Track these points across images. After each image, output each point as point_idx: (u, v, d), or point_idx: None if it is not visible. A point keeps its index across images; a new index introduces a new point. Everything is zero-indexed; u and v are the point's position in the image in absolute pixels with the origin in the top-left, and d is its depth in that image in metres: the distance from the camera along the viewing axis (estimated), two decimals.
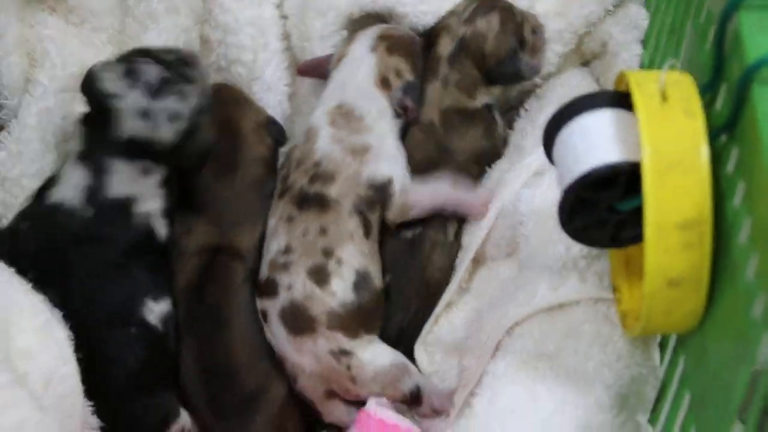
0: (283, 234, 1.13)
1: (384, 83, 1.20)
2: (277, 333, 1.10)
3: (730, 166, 0.84)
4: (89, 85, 1.11)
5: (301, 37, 1.27)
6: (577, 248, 1.03)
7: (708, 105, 0.86)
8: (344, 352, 1.08)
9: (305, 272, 1.10)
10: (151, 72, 1.12)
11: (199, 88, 1.14)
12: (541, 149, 1.12)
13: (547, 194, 1.10)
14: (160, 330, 1.08)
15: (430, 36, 1.24)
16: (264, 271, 1.13)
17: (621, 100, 0.89)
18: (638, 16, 1.27)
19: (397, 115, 1.20)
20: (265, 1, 1.28)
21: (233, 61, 1.26)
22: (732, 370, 0.80)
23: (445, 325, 1.15)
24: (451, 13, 1.23)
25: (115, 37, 1.25)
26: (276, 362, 1.11)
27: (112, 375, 1.05)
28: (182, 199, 1.15)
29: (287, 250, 1.12)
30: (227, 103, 1.21)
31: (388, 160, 1.16)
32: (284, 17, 1.30)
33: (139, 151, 1.10)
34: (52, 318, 1.02)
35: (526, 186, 1.13)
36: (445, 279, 1.16)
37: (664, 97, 0.85)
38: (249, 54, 1.26)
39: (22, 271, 1.05)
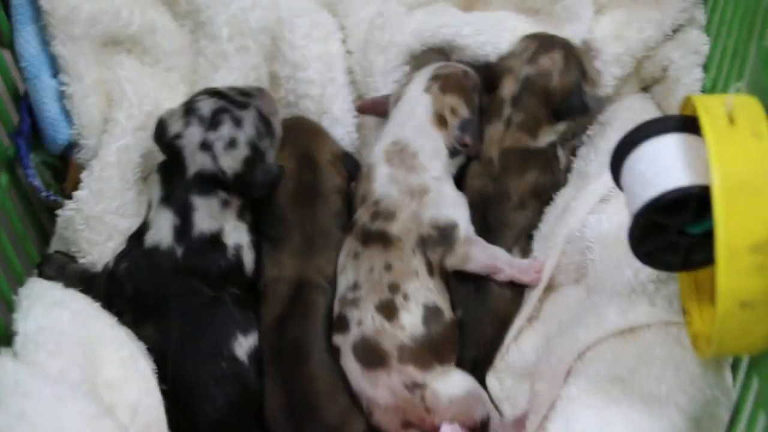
0: (350, 270, 1.12)
1: (440, 121, 1.19)
2: (351, 368, 1.09)
3: None
4: (159, 133, 1.12)
5: (365, 73, 1.26)
6: (645, 272, 1.01)
7: None
8: (417, 385, 1.06)
9: (374, 307, 1.08)
10: (205, 105, 1.12)
11: (255, 112, 1.13)
12: (605, 175, 1.11)
13: (614, 219, 1.09)
14: (246, 365, 1.07)
15: (492, 77, 1.22)
16: (336, 308, 1.12)
17: (687, 124, 0.87)
18: (698, 41, 1.25)
19: (452, 155, 1.19)
20: (331, 37, 1.27)
21: (302, 96, 1.25)
22: None
23: (515, 352, 1.12)
24: (512, 54, 1.21)
25: (187, 76, 1.24)
26: (353, 397, 1.09)
27: (201, 410, 1.05)
28: (266, 230, 1.14)
29: (355, 286, 1.10)
30: (304, 134, 1.20)
31: (451, 204, 1.14)
32: (349, 52, 1.29)
33: (210, 184, 1.10)
34: (136, 351, 1.03)
35: (593, 212, 1.11)
36: (514, 309, 1.14)
37: (731, 120, 0.83)
38: (317, 88, 1.25)
39: (119, 311, 1.06)
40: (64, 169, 1.23)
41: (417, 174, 1.14)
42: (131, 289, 1.09)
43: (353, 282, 1.10)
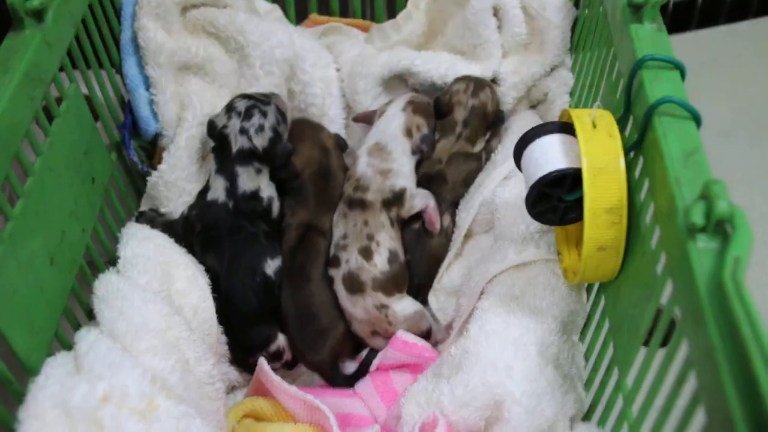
0: (341, 225, 1.07)
1: (408, 133, 1.14)
2: (339, 292, 1.04)
3: (637, 171, 0.80)
4: (210, 128, 1.09)
5: (351, 92, 1.22)
6: (533, 226, 0.98)
7: (621, 131, 0.81)
8: (383, 306, 1.02)
9: (357, 251, 1.04)
10: (241, 104, 1.08)
11: (274, 107, 1.10)
12: (508, 162, 1.08)
13: (513, 191, 1.06)
14: (273, 279, 1.03)
15: (445, 108, 1.17)
16: (331, 250, 1.07)
17: (565, 127, 0.84)
18: (567, 77, 1.21)
19: (413, 154, 1.14)
20: (329, 66, 1.22)
21: (309, 104, 1.20)
22: (640, 308, 0.76)
23: (446, 278, 1.08)
24: (457, 92, 1.16)
25: (233, 91, 1.19)
26: (339, 310, 1.05)
27: (240, 308, 1.01)
28: (291, 194, 1.10)
29: (344, 236, 1.06)
30: (315, 130, 1.16)
31: (404, 177, 1.09)
32: (341, 79, 1.24)
33: (248, 157, 1.06)
34: (197, 271, 0.99)
35: (499, 186, 1.08)
36: (444, 251, 1.10)
37: (594, 125, 0.80)
38: (319, 99, 1.20)
39: (190, 244, 1.04)
40: (154, 150, 1.19)
41: (387, 162, 1.09)
42: (199, 228, 1.05)
43: (343, 233, 1.06)
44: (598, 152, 0.78)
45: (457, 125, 1.15)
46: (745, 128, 1.34)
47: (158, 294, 0.89)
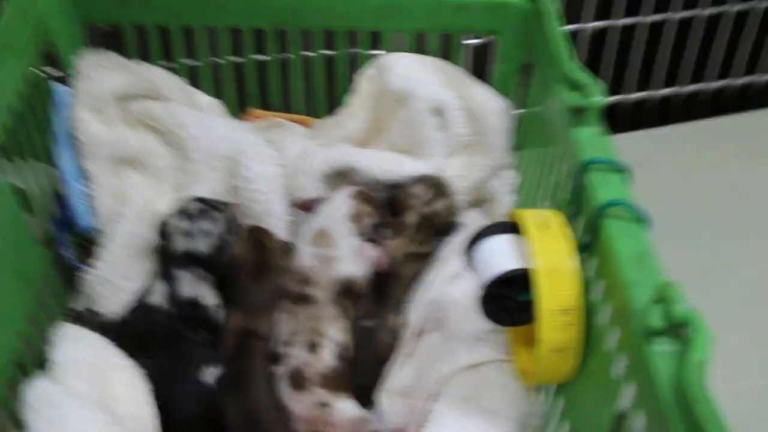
0: (287, 322, 1.05)
1: (356, 219, 1.13)
2: (284, 391, 1.01)
3: (590, 272, 0.82)
4: (161, 229, 1.08)
5: (292, 188, 1.21)
6: (485, 326, 0.97)
7: (573, 231, 0.84)
8: (325, 404, 0.99)
9: (304, 345, 1.02)
10: (194, 207, 1.08)
11: (225, 217, 1.09)
12: (455, 259, 1.09)
13: (462, 290, 1.05)
14: (213, 387, 0.99)
15: (396, 206, 1.17)
16: (275, 348, 1.04)
17: (514, 227, 0.86)
18: (511, 176, 1.25)
19: (360, 238, 1.13)
20: (272, 162, 1.21)
21: (253, 200, 1.18)
22: (598, 411, 0.77)
23: (397, 379, 1.05)
24: (412, 196, 1.16)
25: (174, 186, 1.18)
26: (282, 413, 1.01)
27: (178, 419, 0.97)
28: (229, 296, 1.07)
29: (292, 332, 1.04)
30: (257, 233, 1.13)
31: (347, 262, 1.09)
32: (284, 175, 1.23)
33: (190, 262, 1.04)
34: (137, 375, 0.96)
35: (449, 284, 1.07)
36: (391, 350, 1.07)
37: (546, 226, 0.83)
38: (263, 196, 1.18)
39: (124, 345, 1.00)
40: (90, 246, 1.15)
41: (330, 250, 1.09)
42: (134, 331, 1.03)
43: (290, 330, 1.04)
44: (550, 252, 0.80)
45: (407, 228, 1.15)
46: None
47: (94, 401, 0.85)
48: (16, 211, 1.01)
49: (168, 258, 1.06)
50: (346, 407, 1.02)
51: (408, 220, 1.16)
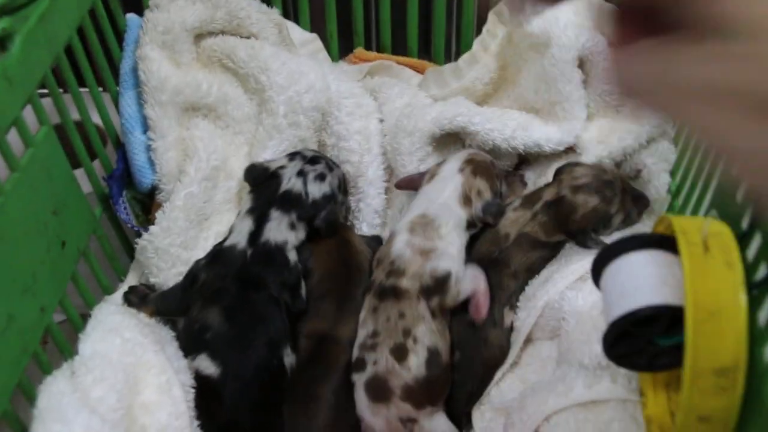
0: (370, 322, 0.92)
1: (466, 201, 0.97)
2: (360, 402, 0.89)
3: (762, 316, 0.62)
4: (251, 171, 0.98)
5: (394, 152, 1.06)
6: None
7: (742, 255, 0.64)
8: (411, 420, 0.87)
9: (388, 350, 0.89)
10: (309, 152, 1.00)
11: (338, 173, 1.01)
12: (586, 258, 0.90)
13: (588, 299, 0.88)
14: (288, 375, 0.89)
15: (556, 172, 0.99)
16: (355, 353, 0.92)
17: (664, 242, 0.67)
18: (668, 151, 1.02)
19: (469, 227, 0.97)
20: (371, 116, 1.08)
21: (343, 161, 1.06)
22: None
23: (496, 392, 0.92)
24: (571, 170, 0.97)
25: (249, 140, 1.05)
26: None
27: (243, 388, 0.86)
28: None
29: (374, 334, 0.90)
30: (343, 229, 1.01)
31: (450, 258, 0.93)
32: (384, 134, 1.09)
33: (291, 204, 0.95)
34: (173, 376, 0.83)
35: (570, 288, 0.90)
36: (502, 356, 0.94)
37: (706, 248, 0.63)
38: (356, 156, 1.05)
39: (188, 304, 0.91)
40: (151, 204, 1.05)
41: (432, 241, 0.93)
42: (204, 277, 0.93)
43: (372, 330, 0.91)
44: (709, 288, 0.60)
45: (539, 202, 0.96)
46: None
47: (112, 415, 0.73)
48: (62, 166, 0.89)
49: (267, 196, 0.95)
50: (435, 424, 0.89)
51: (546, 192, 0.97)
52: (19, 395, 0.78)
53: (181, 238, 0.97)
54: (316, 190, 0.96)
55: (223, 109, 1.03)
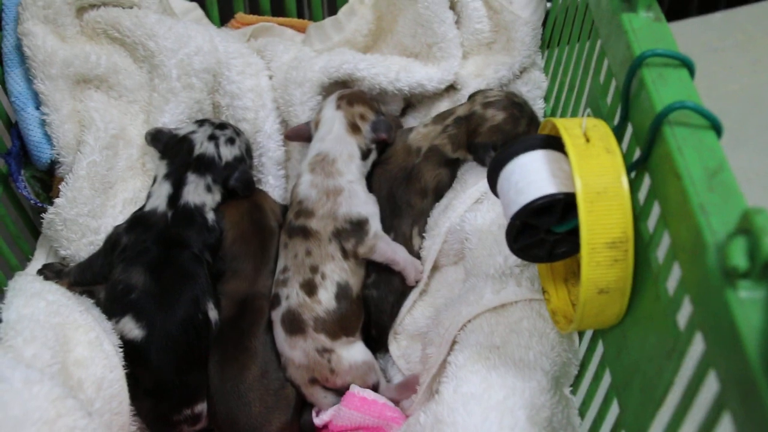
0: (282, 258, 0.96)
1: (354, 128, 1.01)
2: (278, 335, 0.93)
3: (642, 194, 0.69)
4: (156, 137, 1.01)
5: (286, 104, 1.09)
6: (512, 259, 0.87)
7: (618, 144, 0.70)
8: (327, 350, 0.91)
9: (298, 285, 0.92)
10: (215, 120, 1.04)
11: (245, 138, 1.05)
12: (480, 182, 0.96)
13: (486, 217, 0.94)
14: (213, 328, 0.93)
15: (470, 95, 1.04)
16: (273, 289, 0.96)
17: (550, 142, 0.73)
18: (540, 78, 1.11)
19: (364, 157, 1.01)
20: (260, 73, 1.10)
21: (240, 119, 1.07)
22: (657, 364, 0.65)
23: (410, 320, 0.98)
24: (483, 91, 1.03)
25: (144, 107, 1.06)
26: (277, 396, 0.92)
27: (169, 342, 0.89)
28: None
29: (284, 270, 0.94)
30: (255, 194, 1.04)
31: (362, 203, 0.97)
32: (274, 89, 1.11)
33: (206, 167, 0.98)
34: (102, 333, 0.84)
35: (469, 210, 0.96)
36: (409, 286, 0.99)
37: (587, 138, 0.69)
38: (251, 113, 1.08)
39: (111, 265, 0.92)
40: (51, 181, 1.05)
41: (334, 178, 0.97)
42: (126, 241, 0.95)
43: (283, 266, 0.95)
44: (594, 171, 0.67)
45: (451, 116, 1.02)
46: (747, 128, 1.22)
47: (48, 370, 0.74)
48: None
49: (181, 160, 0.97)
50: (350, 353, 0.93)
51: (459, 109, 1.02)
52: None
53: (88, 207, 0.97)
54: (228, 153, 0.99)
55: (115, 79, 1.04)
